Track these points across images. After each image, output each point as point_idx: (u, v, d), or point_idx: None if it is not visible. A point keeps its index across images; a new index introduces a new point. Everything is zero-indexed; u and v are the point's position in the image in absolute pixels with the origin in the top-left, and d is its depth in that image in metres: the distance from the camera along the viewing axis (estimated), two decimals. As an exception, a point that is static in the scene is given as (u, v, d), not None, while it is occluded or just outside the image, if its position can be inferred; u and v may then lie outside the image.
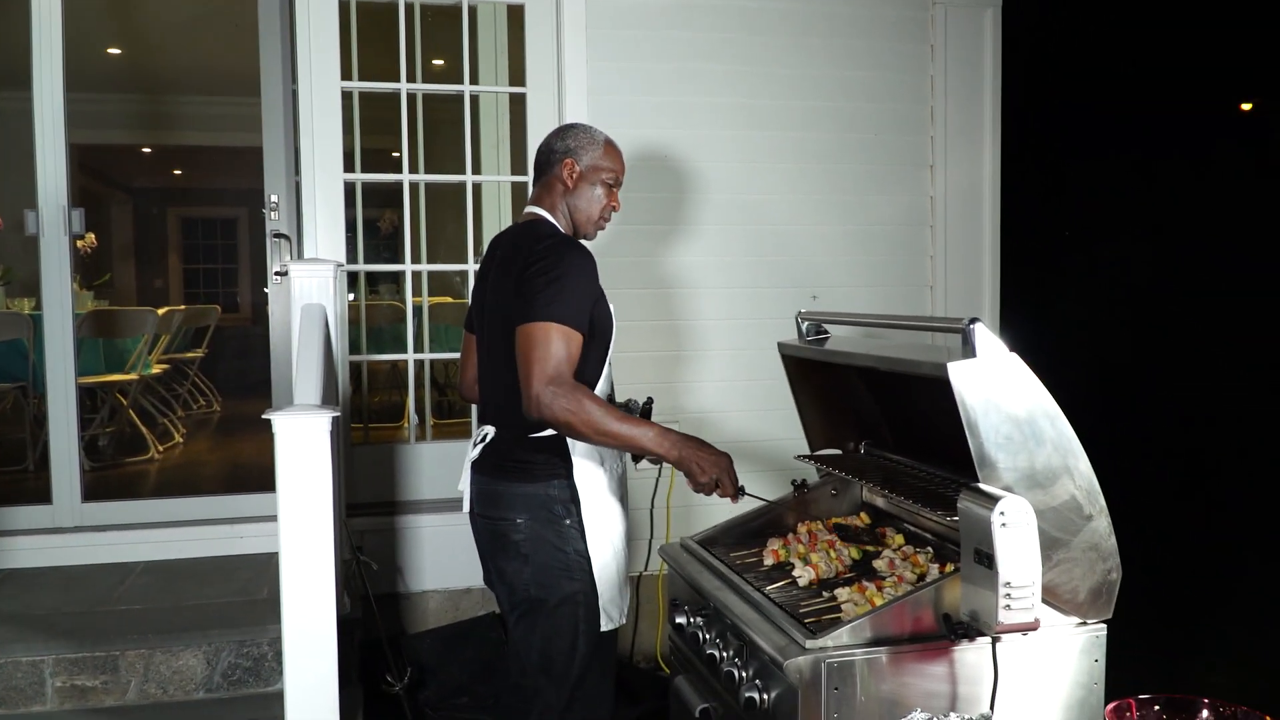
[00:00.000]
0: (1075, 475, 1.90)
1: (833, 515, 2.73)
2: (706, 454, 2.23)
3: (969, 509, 1.81)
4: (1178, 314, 6.86)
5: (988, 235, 4.34)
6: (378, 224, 8.50)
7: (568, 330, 2.19)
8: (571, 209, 2.46)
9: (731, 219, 4.13)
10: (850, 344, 2.64)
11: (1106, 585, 1.96)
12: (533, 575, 2.34)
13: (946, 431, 1.94)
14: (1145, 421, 6.53)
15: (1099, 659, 1.99)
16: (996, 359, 1.87)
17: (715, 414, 4.11)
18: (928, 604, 1.91)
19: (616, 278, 3.98)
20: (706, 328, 4.12)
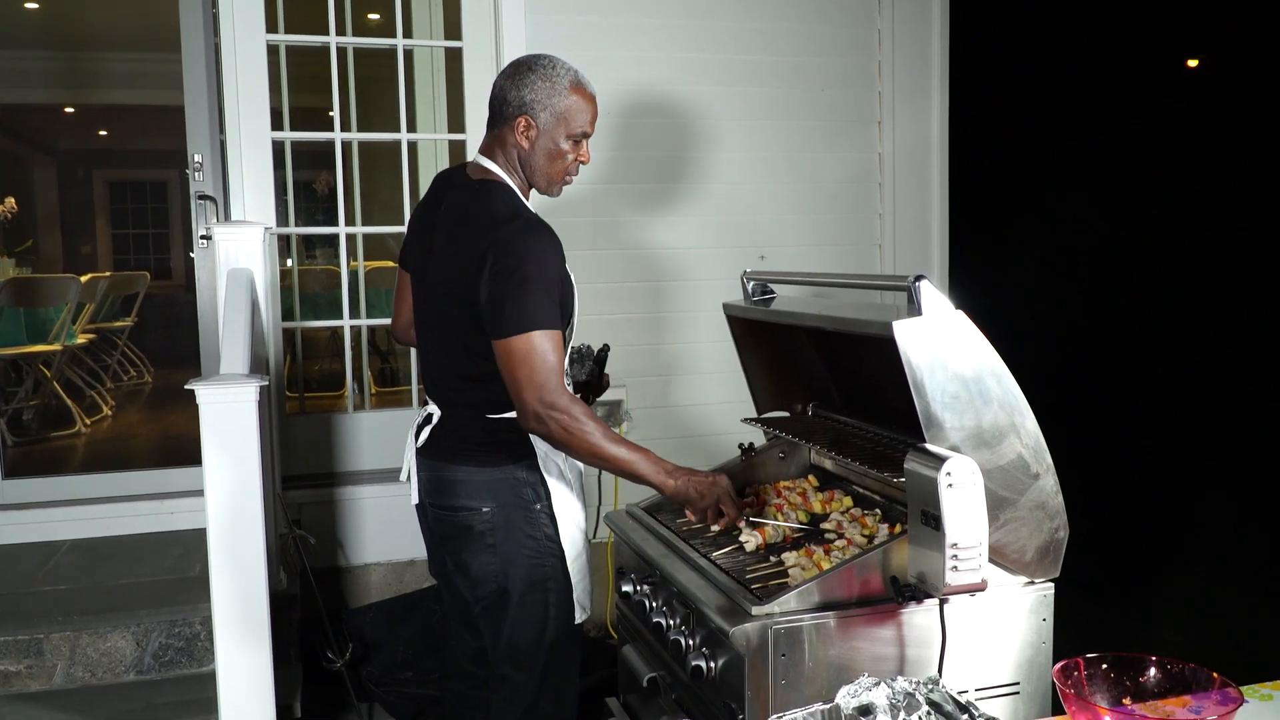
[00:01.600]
0: (1022, 434, 1.90)
1: (780, 478, 2.72)
2: (702, 479, 2.15)
3: (915, 470, 1.81)
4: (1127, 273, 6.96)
5: (936, 193, 4.35)
6: (314, 186, 8.32)
7: (550, 334, 2.07)
8: (528, 169, 2.25)
9: (675, 177, 4.09)
10: (797, 304, 2.62)
11: (1054, 544, 1.97)
12: (501, 566, 2.25)
13: (895, 392, 1.93)
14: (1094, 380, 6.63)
15: (1047, 618, 2.01)
16: (942, 317, 1.86)
17: (665, 378, 4.09)
18: (875, 567, 1.92)
19: (589, 239, 3.93)
20: (654, 290, 4.09)
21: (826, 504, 2.51)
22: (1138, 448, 6.21)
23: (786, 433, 2.58)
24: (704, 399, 4.10)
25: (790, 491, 2.60)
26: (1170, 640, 3.99)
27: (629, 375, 4.00)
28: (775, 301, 2.61)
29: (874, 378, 2.50)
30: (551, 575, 2.27)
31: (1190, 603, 4.43)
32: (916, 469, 1.81)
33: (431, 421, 2.34)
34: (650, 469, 2.11)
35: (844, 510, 2.47)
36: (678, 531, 2.42)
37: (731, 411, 3.38)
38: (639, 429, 3.97)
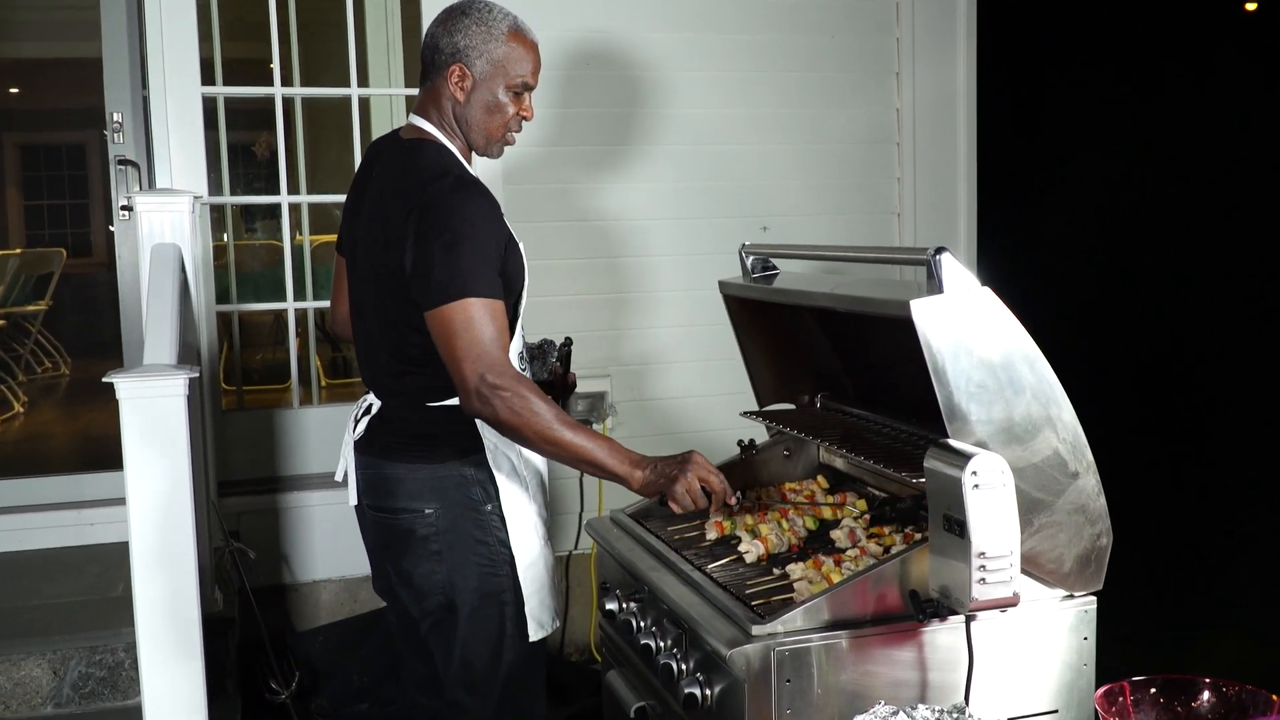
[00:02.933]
0: (1058, 427, 1.90)
1: (785, 479, 2.71)
2: (671, 461, 2.07)
3: (937, 469, 1.80)
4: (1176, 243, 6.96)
5: (963, 154, 4.34)
6: (252, 149, 8.26)
7: (487, 302, 2.05)
8: (465, 125, 2.26)
9: (667, 138, 4.08)
10: (803, 281, 2.62)
11: (1096, 552, 1.97)
12: (448, 575, 2.24)
13: (914, 380, 1.93)
14: (1138, 365, 6.64)
15: (1088, 636, 2.01)
16: (966, 295, 1.85)
17: (655, 366, 4.09)
18: (892, 580, 1.91)
19: (529, 209, 3.91)
20: (643, 266, 4.09)
21: (837, 509, 2.51)
22: (1186, 441, 6.23)
23: (792, 428, 2.57)
24: (698, 390, 4.10)
25: (797, 494, 2.60)
26: (1225, 660, 4.00)
27: (612, 364, 3.99)
28: (778, 279, 2.60)
29: (891, 365, 2.50)
30: (507, 587, 2.26)
31: (1247, 617, 4.44)
32: (938, 468, 1.80)
33: (370, 413, 2.33)
34: (613, 458, 2.06)
35: (857, 515, 2.46)
36: (669, 541, 2.41)
37: (729, 404, 3.37)
38: (625, 424, 3.97)
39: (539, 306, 3.76)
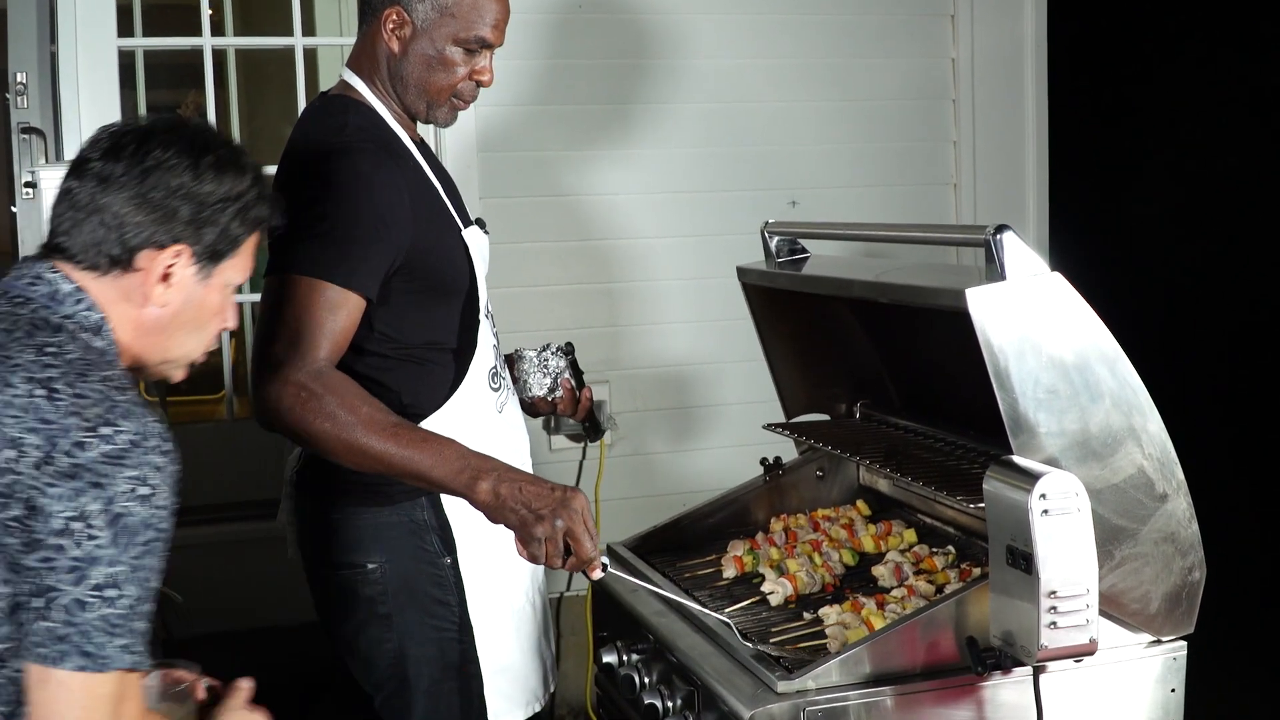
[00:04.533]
0: (1143, 440, 1.91)
1: (819, 505, 2.72)
2: (540, 488, 1.92)
3: (999, 491, 1.81)
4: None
5: (1031, 113, 4.32)
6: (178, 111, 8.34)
7: (339, 292, 2.01)
8: (400, 83, 2.22)
9: (677, 96, 4.08)
10: (839, 267, 2.63)
11: (1187, 589, 1.98)
12: (399, 644, 2.20)
13: (973, 385, 1.93)
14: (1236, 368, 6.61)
15: (1177, 688, 2.02)
16: (1033, 282, 1.86)
17: (667, 369, 4.08)
18: (946, 625, 1.92)
19: (508, 181, 3.91)
20: (647, 250, 4.08)
21: (881, 540, 2.52)
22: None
23: (826, 443, 2.58)
24: (713, 398, 4.10)
25: (832, 524, 2.61)
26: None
27: (611, 368, 3.99)
28: (809, 264, 2.61)
29: (945, 367, 2.51)
30: (475, 657, 2.23)
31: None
32: (1000, 490, 1.81)
33: None
34: (445, 466, 1.94)
35: (905, 548, 2.47)
36: (678, 579, 2.42)
37: (751, 415, 3.36)
38: (626, 439, 3.96)
39: (518, 300, 3.76)
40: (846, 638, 2.04)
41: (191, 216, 1.60)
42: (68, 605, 1.39)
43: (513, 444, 2.36)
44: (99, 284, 1.59)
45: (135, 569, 1.42)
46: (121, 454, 1.43)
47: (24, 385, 1.45)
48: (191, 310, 1.65)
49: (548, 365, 2.50)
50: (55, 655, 1.39)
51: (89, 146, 1.63)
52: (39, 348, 1.50)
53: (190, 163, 1.60)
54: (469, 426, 2.20)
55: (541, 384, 2.49)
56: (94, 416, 1.44)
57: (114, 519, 1.41)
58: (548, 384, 2.49)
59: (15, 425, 1.42)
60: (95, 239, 1.57)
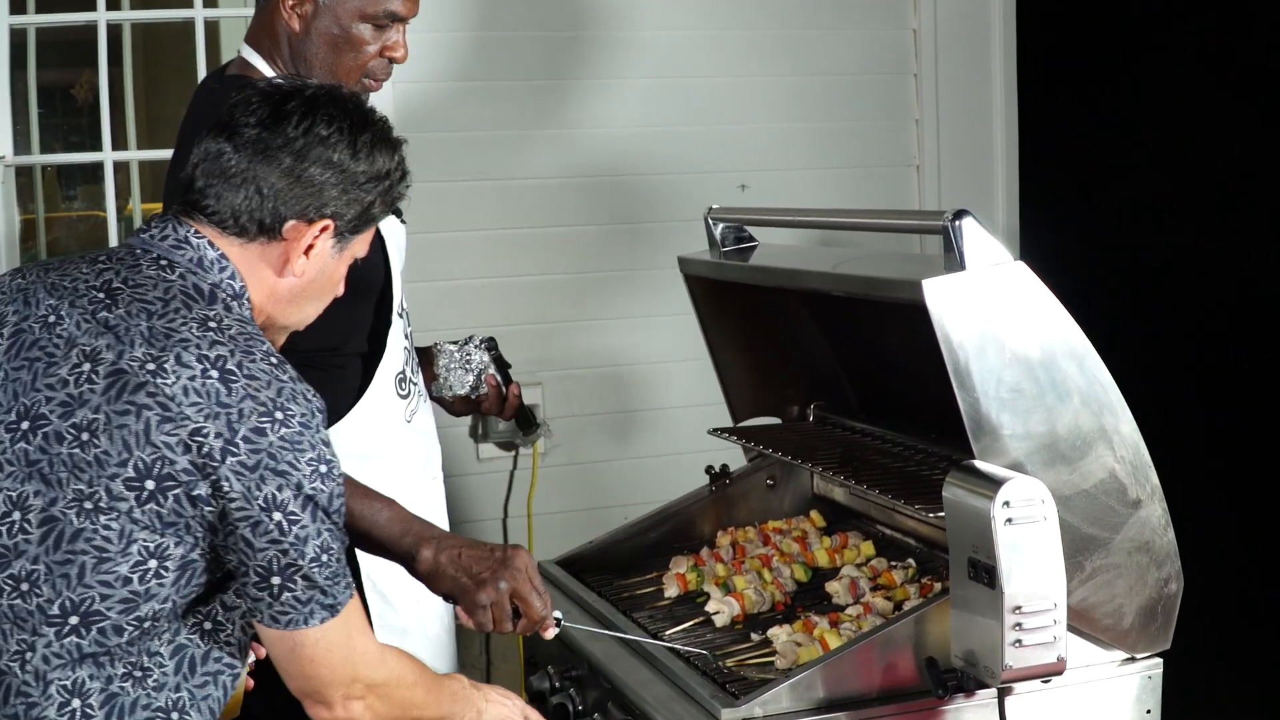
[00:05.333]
0: (1115, 442, 1.92)
1: (769, 517, 2.73)
2: (482, 551, 1.98)
3: (959, 499, 1.82)
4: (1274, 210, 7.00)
5: (1000, 88, 4.33)
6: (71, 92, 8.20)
7: None
8: (304, 64, 2.21)
9: (616, 70, 4.07)
10: (790, 257, 2.63)
11: (1163, 601, 1.99)
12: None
13: (934, 385, 1.94)
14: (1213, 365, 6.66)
15: (1153, 709, 2.04)
16: (995, 271, 1.87)
17: (604, 369, 4.07)
18: (905, 644, 1.93)
19: (428, 164, 3.86)
20: (582, 238, 4.08)
21: (836, 553, 2.53)
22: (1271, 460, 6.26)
23: (776, 449, 2.59)
24: (655, 400, 4.10)
25: (784, 536, 2.62)
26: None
27: (543, 368, 3.97)
28: (757, 253, 2.61)
29: (904, 365, 2.52)
30: None
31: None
32: (960, 498, 1.82)
33: None
34: (388, 528, 1.98)
35: (862, 562, 2.48)
36: (615, 599, 2.42)
37: (695, 419, 3.36)
38: (560, 447, 3.95)
39: (438, 296, 3.74)
40: (798, 659, 2.05)
41: (342, 193, 1.71)
42: (297, 579, 1.58)
43: (422, 455, 2.36)
44: (240, 251, 1.70)
45: (335, 530, 1.61)
46: (297, 438, 1.57)
47: (197, 365, 1.56)
48: (321, 281, 1.78)
49: (470, 360, 2.50)
50: (302, 618, 1.60)
51: (241, 109, 1.72)
52: (201, 321, 1.61)
53: (349, 140, 1.72)
54: (373, 438, 2.21)
55: (464, 381, 2.48)
56: (267, 400, 1.57)
57: (307, 501, 1.57)
58: (470, 381, 2.49)
59: (195, 411, 1.54)
60: (248, 207, 1.68)
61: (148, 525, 1.55)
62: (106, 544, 1.55)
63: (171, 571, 1.58)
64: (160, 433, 1.53)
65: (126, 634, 1.59)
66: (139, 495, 1.54)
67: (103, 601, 1.56)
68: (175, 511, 1.55)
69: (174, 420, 1.53)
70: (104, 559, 1.55)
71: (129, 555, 1.55)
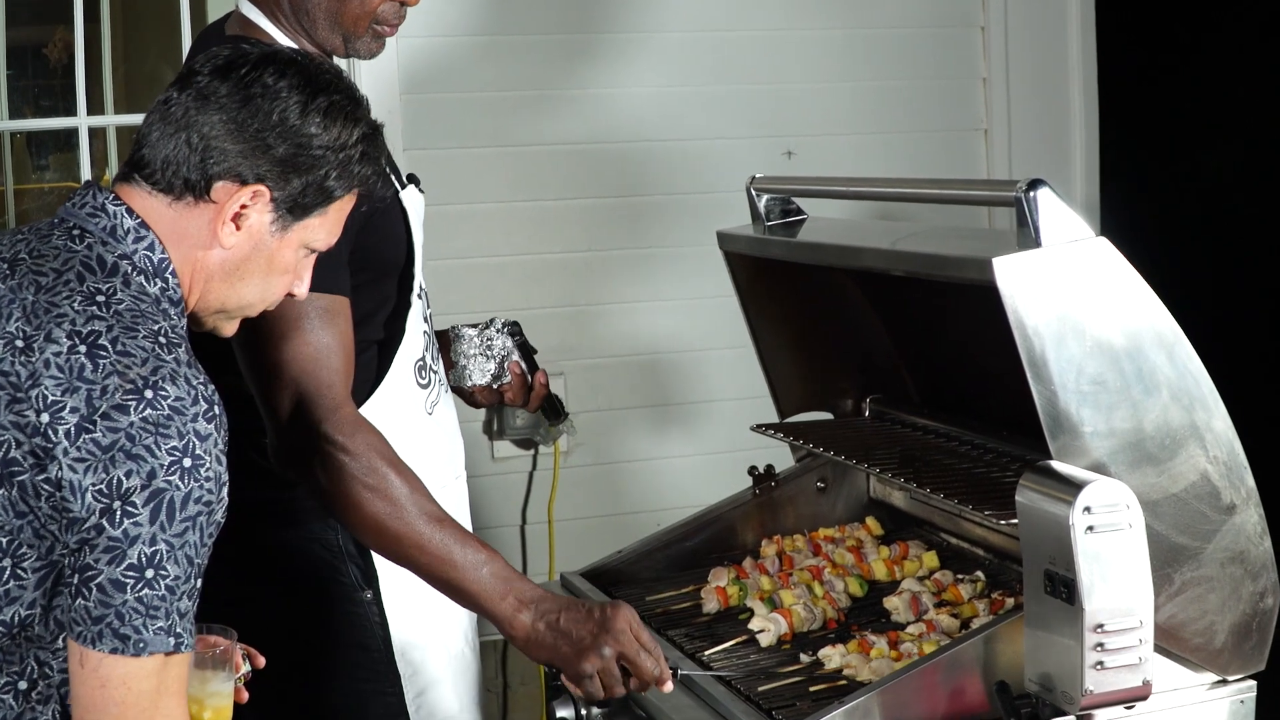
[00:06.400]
0: (1208, 441, 1.92)
1: (820, 524, 2.75)
2: (580, 612, 2.00)
3: (1035, 504, 1.83)
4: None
5: (1076, 42, 4.33)
6: (43, 52, 8.27)
7: (322, 300, 2.03)
8: (306, 16, 2.21)
9: (649, 23, 4.07)
10: (845, 232, 2.64)
11: (1259, 619, 2.00)
12: (309, 700, 2.20)
13: (1005, 376, 1.96)
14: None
15: (1248, 738, 2.06)
16: (1075, 249, 1.88)
17: (636, 358, 4.07)
18: (973, 667, 1.94)
19: (439, 130, 3.90)
20: (612, 212, 4.08)
21: (895, 565, 2.54)
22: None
23: (828, 447, 2.60)
24: (691, 393, 4.10)
25: (836, 546, 2.63)
26: None
27: (566, 357, 3.98)
28: (806, 228, 2.62)
29: (972, 353, 2.53)
30: (405, 713, 2.25)
31: None
32: (1036, 503, 1.83)
33: None
34: (492, 584, 2.00)
35: (924, 575, 2.50)
36: (649, 616, 2.43)
37: (737, 414, 3.37)
38: (584, 445, 3.96)
39: (451, 274, 3.75)
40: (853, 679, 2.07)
41: (284, 157, 1.68)
42: (102, 585, 1.49)
43: (445, 452, 2.38)
44: (169, 213, 1.68)
45: (177, 547, 1.51)
46: (164, 421, 1.51)
47: (66, 341, 1.54)
48: (260, 262, 1.73)
49: (492, 346, 2.51)
50: (91, 636, 1.49)
51: (201, 59, 1.73)
52: (87, 295, 1.59)
53: (301, 99, 1.69)
54: (392, 431, 2.19)
55: (485, 369, 2.50)
56: (136, 378, 1.52)
57: (154, 494, 1.49)
58: (492, 369, 2.50)
59: (54, 385, 1.51)
60: (178, 157, 1.67)
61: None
62: None
63: (32, 574, 1.55)
64: (9, 413, 1.52)
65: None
66: None
67: None
68: (23, 500, 1.52)
69: (26, 400, 1.51)
70: None
71: None
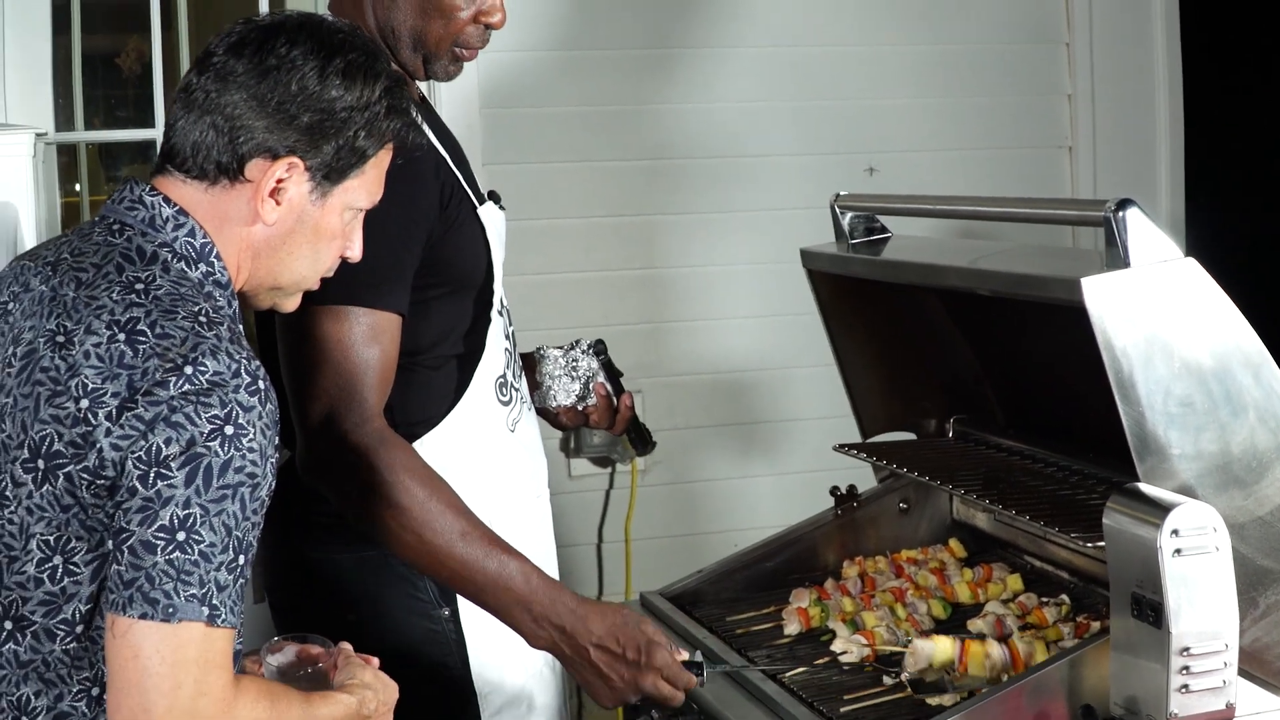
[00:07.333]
0: (1296, 463, 1.93)
1: (903, 545, 2.75)
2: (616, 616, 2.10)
3: (1121, 527, 1.84)
4: None
5: (1162, 58, 4.31)
6: (116, 62, 8.35)
7: (369, 316, 2.05)
8: (391, 35, 2.23)
9: (729, 38, 4.08)
10: (930, 250, 2.65)
11: (1346, 644, 2.00)
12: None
13: (1092, 397, 1.96)
14: None
15: (1339, 768, 2.03)
16: (1163, 269, 1.88)
17: (716, 376, 4.07)
18: (1058, 690, 1.94)
19: (519, 143, 3.92)
20: (693, 227, 4.09)
21: (979, 587, 2.54)
22: None
23: (911, 468, 2.60)
24: (772, 412, 4.10)
25: (919, 568, 2.63)
26: None
27: (644, 374, 3.98)
28: (891, 246, 2.63)
29: (1058, 374, 2.52)
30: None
31: None
32: (1123, 525, 1.83)
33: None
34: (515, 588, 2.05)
35: (1008, 598, 2.49)
36: (729, 636, 2.45)
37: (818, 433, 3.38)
38: (662, 463, 3.95)
39: (530, 290, 3.76)
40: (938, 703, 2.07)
41: (310, 125, 1.68)
42: (133, 546, 1.47)
43: (528, 470, 2.38)
44: (206, 198, 1.69)
45: (213, 513, 1.48)
46: (205, 393, 1.51)
47: (105, 331, 1.54)
48: (306, 232, 1.74)
49: (577, 367, 2.50)
50: (122, 601, 1.46)
51: (216, 40, 1.72)
52: (126, 285, 1.59)
53: (317, 65, 1.69)
54: (473, 448, 2.24)
55: (570, 390, 2.49)
56: (176, 356, 1.52)
57: (191, 458, 1.48)
58: (577, 390, 2.50)
59: (94, 374, 1.52)
60: (206, 141, 1.67)
61: (45, 515, 1.53)
62: (13, 540, 1.56)
63: (85, 567, 1.54)
64: (50, 406, 1.53)
65: (60, 639, 1.56)
66: (35, 478, 1.53)
67: (25, 605, 1.56)
68: (68, 493, 1.52)
69: (65, 392, 1.52)
70: (12, 558, 1.56)
71: (30, 553, 1.55)
